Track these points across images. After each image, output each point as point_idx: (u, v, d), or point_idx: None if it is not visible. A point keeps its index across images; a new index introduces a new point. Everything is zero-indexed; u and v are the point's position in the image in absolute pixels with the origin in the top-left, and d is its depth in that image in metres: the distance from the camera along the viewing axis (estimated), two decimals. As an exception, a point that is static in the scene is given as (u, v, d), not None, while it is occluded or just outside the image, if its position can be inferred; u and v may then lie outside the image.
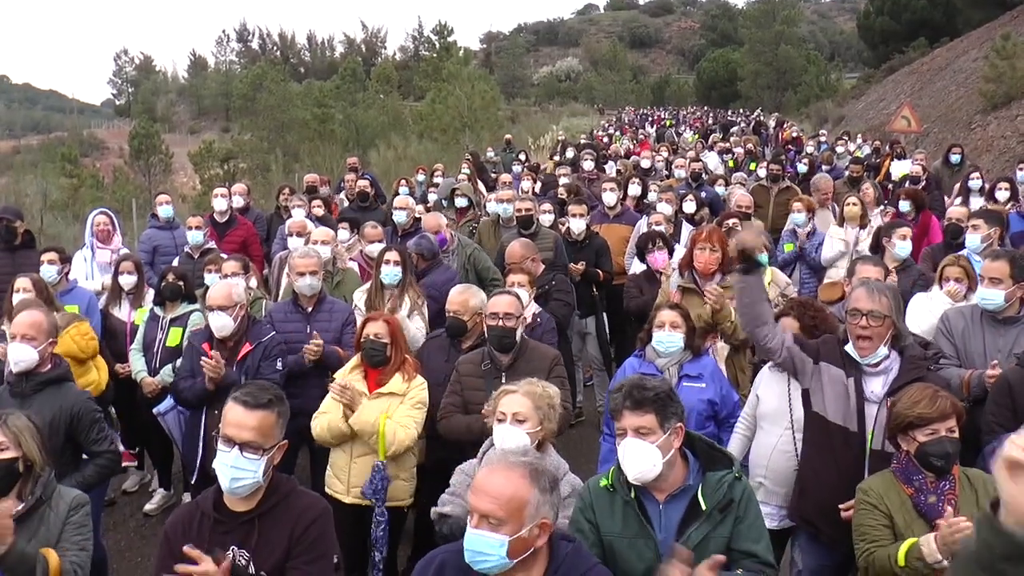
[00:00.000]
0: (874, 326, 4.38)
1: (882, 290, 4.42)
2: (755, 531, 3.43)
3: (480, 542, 2.88)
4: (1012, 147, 23.70)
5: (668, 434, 3.40)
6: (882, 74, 51.19)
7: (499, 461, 2.99)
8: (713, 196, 12.48)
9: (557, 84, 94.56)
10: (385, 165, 29.71)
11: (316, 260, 6.79)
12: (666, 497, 3.46)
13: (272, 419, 3.47)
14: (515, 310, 5.46)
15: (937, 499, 3.78)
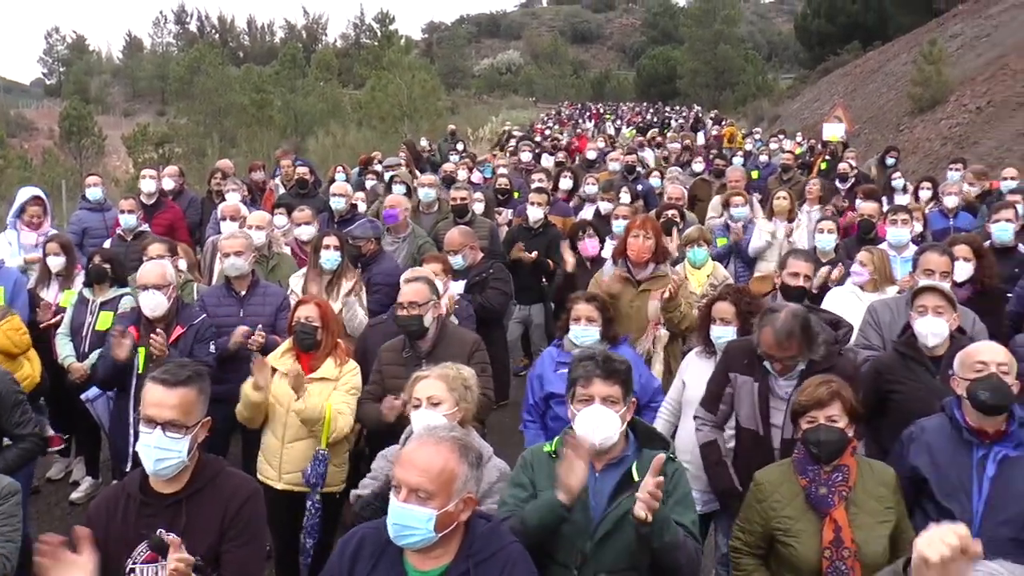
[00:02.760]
0: (789, 365, 4.59)
1: (790, 332, 4.49)
2: (683, 506, 3.55)
3: (408, 516, 2.87)
4: (936, 149, 24.35)
5: (626, 407, 3.58)
6: (817, 75, 52.17)
7: (428, 435, 2.99)
8: (648, 189, 12.66)
9: (498, 76, 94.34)
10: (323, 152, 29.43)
11: (243, 241, 6.73)
12: (603, 466, 3.58)
13: (193, 396, 3.40)
14: (420, 298, 5.48)
15: (828, 491, 3.84)
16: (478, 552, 2.99)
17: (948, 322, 4.96)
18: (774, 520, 3.92)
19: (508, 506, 3.60)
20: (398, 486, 2.90)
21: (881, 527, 3.74)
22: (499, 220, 10.33)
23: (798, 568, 3.84)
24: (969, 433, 4.12)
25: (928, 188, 11.46)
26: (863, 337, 5.81)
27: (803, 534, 3.83)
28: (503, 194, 11.53)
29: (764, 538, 3.98)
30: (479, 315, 7.15)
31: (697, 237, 7.61)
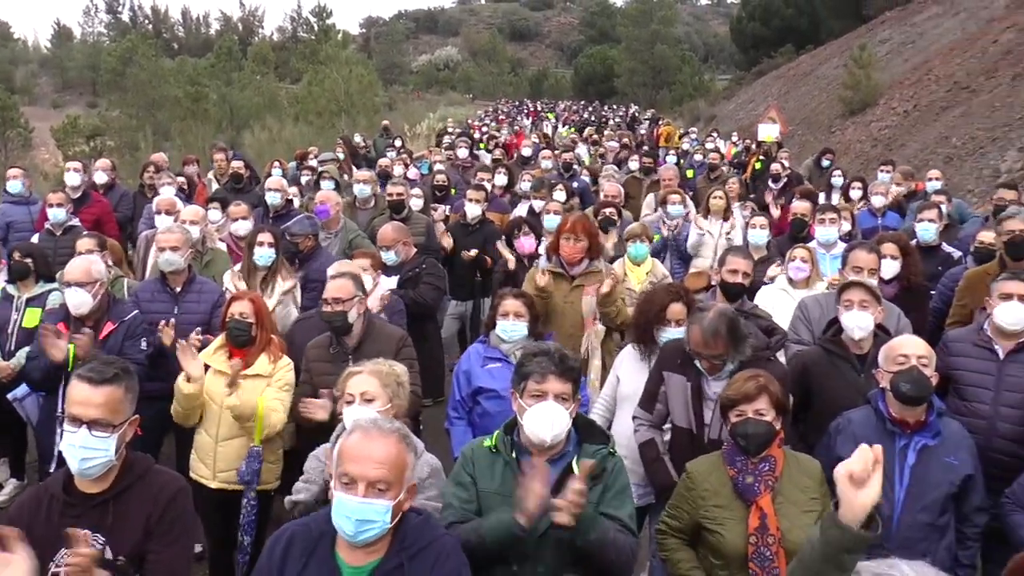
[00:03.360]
0: (717, 364, 4.66)
1: (716, 331, 4.56)
2: (620, 500, 3.59)
3: (369, 510, 2.85)
4: (867, 151, 24.91)
5: (575, 404, 3.61)
6: (752, 77, 53.01)
7: (371, 428, 2.97)
8: (584, 187, 12.75)
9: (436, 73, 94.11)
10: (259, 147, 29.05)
11: (180, 236, 6.59)
12: (544, 462, 3.57)
13: (120, 394, 3.32)
14: (344, 294, 5.46)
15: (755, 480, 3.93)
16: (411, 545, 2.99)
17: (873, 316, 5.10)
18: (702, 509, 4.00)
19: (454, 508, 3.60)
20: (353, 482, 2.86)
21: (806, 516, 3.83)
22: (435, 216, 10.32)
23: (725, 555, 3.93)
24: (892, 424, 4.30)
25: (859, 188, 11.75)
26: (793, 331, 5.96)
27: (730, 522, 3.92)
28: (440, 190, 11.52)
29: (691, 526, 4.06)
30: (411, 311, 7.13)
31: (639, 233, 7.68)
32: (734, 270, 5.89)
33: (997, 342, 5.19)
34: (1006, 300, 5.13)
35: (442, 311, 9.26)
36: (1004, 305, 5.13)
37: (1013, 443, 5.01)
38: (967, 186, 16.99)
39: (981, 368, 5.16)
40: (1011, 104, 20.17)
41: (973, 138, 19.86)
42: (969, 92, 23.67)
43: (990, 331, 5.25)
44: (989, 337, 5.23)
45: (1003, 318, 5.13)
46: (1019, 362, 5.11)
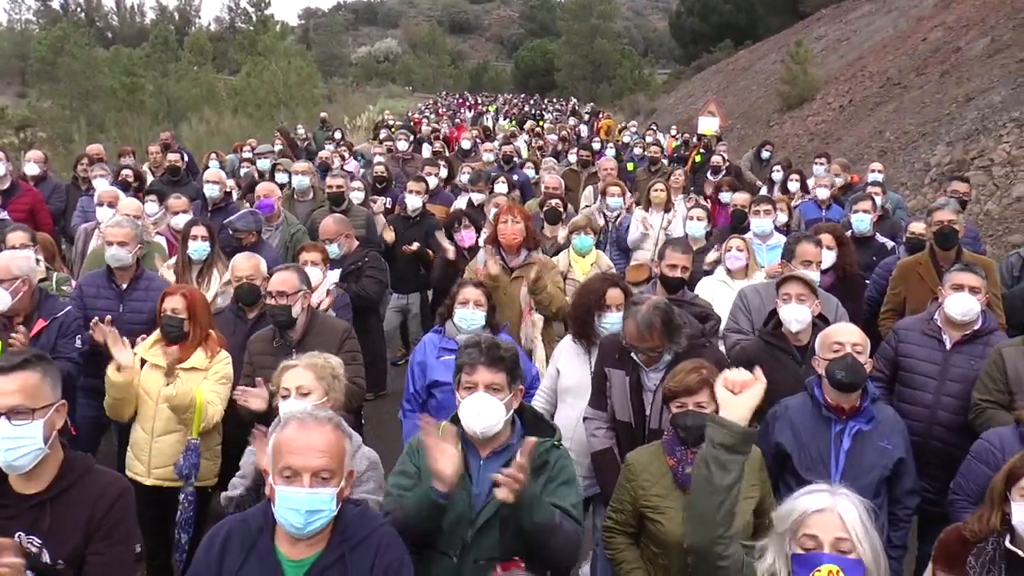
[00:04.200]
0: (653, 357, 4.69)
1: (650, 324, 4.59)
2: (565, 490, 3.58)
3: (316, 500, 2.82)
4: (804, 144, 25.33)
5: (512, 394, 3.56)
6: (691, 71, 53.60)
7: (306, 419, 2.94)
8: (524, 179, 12.78)
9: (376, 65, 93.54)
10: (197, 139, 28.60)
11: (128, 231, 6.36)
12: (488, 453, 3.58)
13: (36, 378, 3.18)
14: (288, 288, 5.42)
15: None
16: (351, 537, 2.96)
17: (810, 308, 5.18)
18: (643, 498, 4.04)
19: (392, 497, 3.58)
20: (296, 474, 2.83)
21: (744, 503, 3.87)
22: (375, 208, 10.26)
23: (665, 543, 3.97)
24: (827, 410, 4.40)
25: (796, 180, 11.93)
26: (733, 321, 6.04)
27: (670, 510, 3.96)
28: (380, 182, 11.47)
29: (635, 516, 4.10)
30: (354, 304, 7.09)
31: (584, 225, 7.70)
32: (673, 264, 5.94)
33: (945, 332, 5.32)
34: (957, 291, 5.24)
35: (384, 304, 9.22)
36: (955, 296, 5.24)
37: (951, 432, 5.14)
38: (900, 179, 17.35)
39: (928, 357, 5.28)
40: (940, 100, 20.65)
41: (905, 133, 20.30)
42: (901, 88, 24.20)
43: (940, 321, 5.36)
44: (938, 327, 5.35)
45: (953, 308, 5.24)
46: (964, 353, 5.24)
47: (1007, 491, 3.39)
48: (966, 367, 5.18)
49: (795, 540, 2.62)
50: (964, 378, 5.16)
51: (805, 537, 2.58)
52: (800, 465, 4.37)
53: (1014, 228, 13.68)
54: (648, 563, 4.10)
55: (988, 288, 6.34)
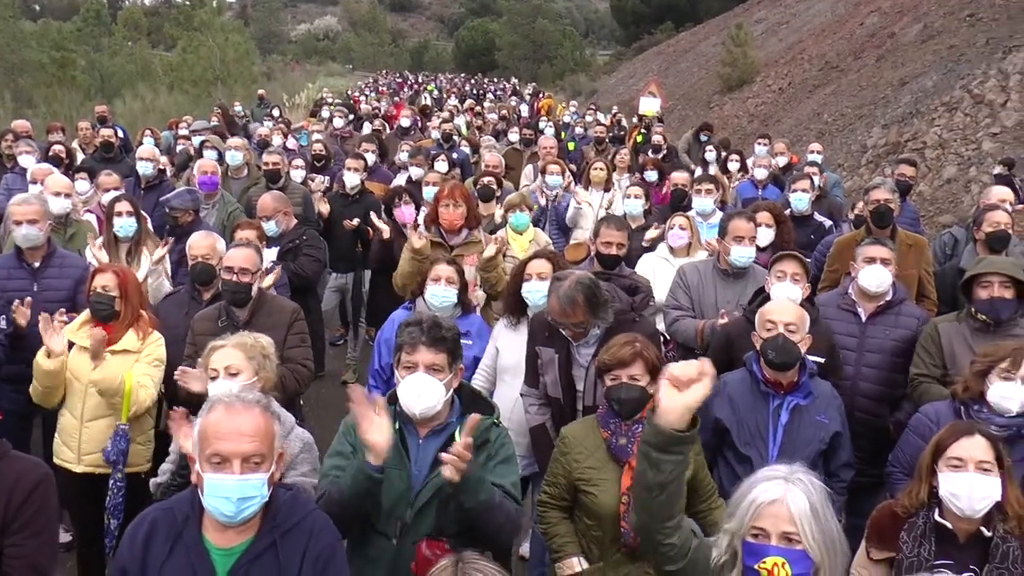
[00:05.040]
0: (578, 332, 4.67)
1: (573, 299, 4.54)
2: (504, 469, 3.55)
3: (248, 487, 2.74)
4: (744, 126, 25.62)
5: (452, 374, 3.50)
6: (632, 52, 53.78)
7: (233, 402, 2.84)
8: (464, 157, 12.73)
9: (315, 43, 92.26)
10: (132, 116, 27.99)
11: (37, 208, 6.09)
12: (427, 433, 3.53)
13: None
14: (251, 265, 5.32)
15: (627, 442, 3.99)
16: (282, 523, 2.88)
17: (802, 289, 5.23)
18: (577, 471, 4.04)
19: (329, 478, 3.51)
20: (226, 460, 2.74)
21: None
22: (313, 187, 10.12)
23: (598, 515, 3.99)
24: (766, 385, 4.43)
25: (736, 160, 12.03)
26: (672, 298, 6.06)
27: (604, 482, 3.96)
28: (319, 160, 11.31)
29: (569, 489, 4.09)
30: (292, 283, 6.97)
31: (519, 202, 7.68)
32: (607, 242, 5.93)
33: (860, 304, 5.45)
34: (869, 264, 5.38)
35: (322, 284, 9.10)
36: (867, 268, 5.37)
37: (873, 402, 5.31)
38: (837, 160, 17.63)
39: (845, 330, 5.39)
40: (875, 84, 21.00)
41: (843, 115, 20.62)
42: (839, 72, 24.58)
43: (854, 294, 5.49)
44: (853, 300, 5.48)
45: (866, 281, 5.37)
46: (879, 324, 5.39)
47: (934, 464, 3.46)
48: (882, 337, 5.34)
49: (747, 530, 2.60)
50: (881, 348, 5.33)
51: (755, 528, 2.57)
52: (739, 440, 4.41)
53: (945, 209, 13.98)
54: (581, 536, 4.11)
55: (922, 265, 6.51)
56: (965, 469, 3.36)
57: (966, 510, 3.35)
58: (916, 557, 3.40)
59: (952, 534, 3.42)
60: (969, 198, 13.37)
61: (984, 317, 4.96)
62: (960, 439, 3.43)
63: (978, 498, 3.33)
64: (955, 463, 3.38)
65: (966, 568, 3.34)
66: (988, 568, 3.32)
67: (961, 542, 3.41)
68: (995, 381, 4.16)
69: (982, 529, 3.39)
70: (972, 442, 3.41)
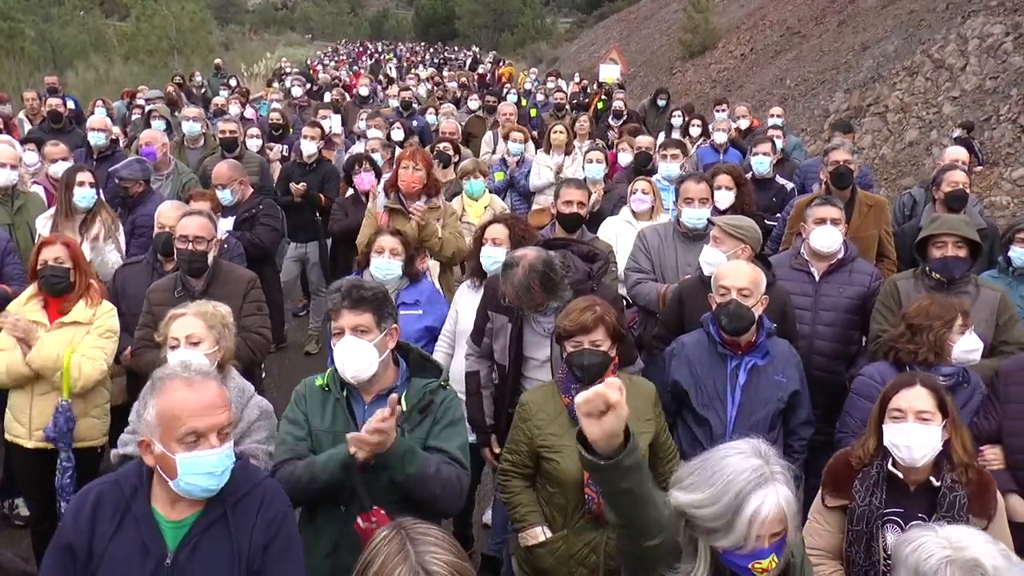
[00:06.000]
0: (536, 311, 4.60)
1: (528, 285, 4.42)
2: (450, 432, 3.51)
3: (226, 459, 2.72)
4: (706, 91, 25.59)
5: (384, 334, 3.45)
6: (594, 20, 53.54)
7: (192, 377, 2.77)
8: (424, 125, 12.62)
9: (273, 12, 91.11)
10: (85, 88, 27.44)
11: None
12: (372, 398, 3.49)
13: None
14: (206, 233, 5.24)
15: None
16: (232, 493, 2.82)
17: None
18: (539, 438, 3.99)
19: (287, 444, 3.49)
20: (202, 436, 2.68)
21: (640, 438, 3.85)
22: (272, 156, 9.97)
23: (561, 481, 3.94)
24: (723, 346, 4.40)
25: (698, 126, 12.01)
26: (634, 261, 6.02)
27: (566, 449, 3.90)
28: (277, 129, 11.16)
29: (530, 456, 4.05)
30: (249, 253, 6.87)
31: (473, 169, 7.63)
32: (568, 200, 5.89)
33: (813, 264, 5.49)
34: (820, 224, 5.41)
35: (281, 254, 8.99)
36: (819, 229, 5.41)
37: (830, 359, 5.36)
38: (800, 125, 17.69)
39: (799, 290, 5.42)
40: (837, 49, 21.06)
41: (805, 80, 20.67)
42: (800, 37, 24.61)
43: (806, 254, 5.53)
44: (805, 260, 5.52)
45: (818, 242, 5.41)
46: (832, 282, 5.44)
47: (881, 416, 3.54)
48: (836, 295, 5.41)
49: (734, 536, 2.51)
50: (835, 306, 5.40)
51: (754, 538, 2.49)
52: (697, 402, 4.38)
53: (906, 171, 14.08)
54: (544, 504, 4.06)
55: (882, 225, 6.54)
56: (905, 420, 3.45)
57: (907, 460, 3.43)
58: (868, 505, 3.49)
59: (903, 483, 3.50)
60: (930, 161, 13.46)
61: (938, 275, 5.01)
62: (901, 390, 3.52)
63: (917, 447, 3.41)
64: (896, 414, 3.48)
65: (915, 516, 3.41)
66: (936, 516, 3.38)
67: (911, 491, 3.50)
68: (956, 339, 4.24)
69: (931, 479, 3.47)
70: (912, 392, 3.49)
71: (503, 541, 5.16)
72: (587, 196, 6.04)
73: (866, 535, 3.48)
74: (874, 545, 3.45)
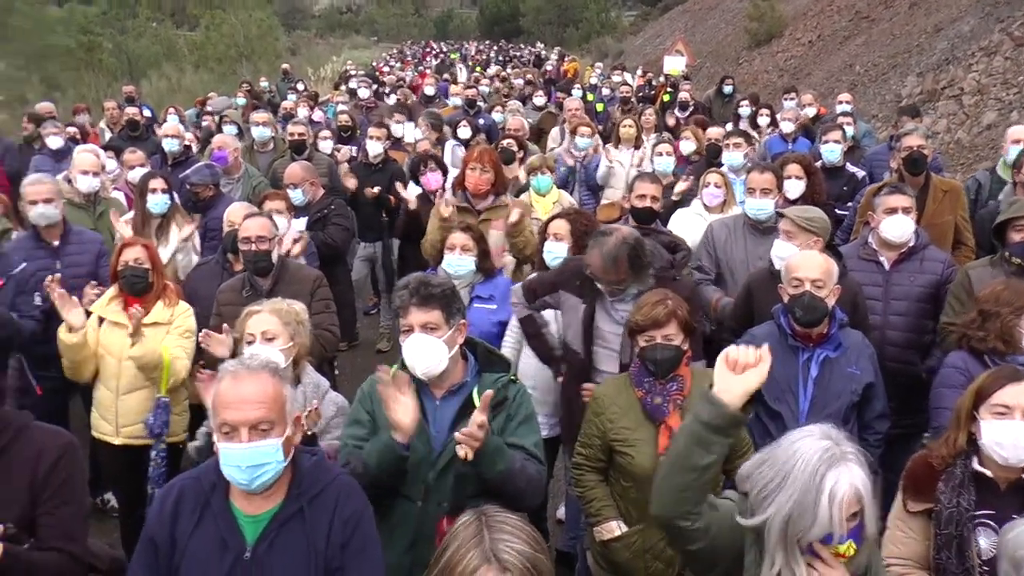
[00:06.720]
0: (616, 289, 4.59)
1: (616, 257, 4.44)
2: (524, 428, 3.50)
3: (257, 454, 2.74)
4: (774, 80, 25.21)
5: (453, 330, 3.45)
6: (658, 12, 52.98)
7: (239, 370, 2.83)
8: (490, 123, 12.65)
9: (339, 16, 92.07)
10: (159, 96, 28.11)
11: (50, 186, 6.15)
12: (443, 394, 3.50)
13: None
14: (267, 232, 5.36)
15: (663, 400, 3.93)
16: (308, 489, 2.88)
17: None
18: (612, 431, 3.98)
19: (348, 447, 3.51)
20: (234, 429, 2.74)
21: None
22: (340, 157, 10.10)
23: (635, 476, 3.92)
24: (794, 338, 4.34)
25: (766, 115, 11.86)
26: (697, 259, 5.97)
27: (640, 443, 3.89)
28: (345, 131, 11.30)
29: (604, 450, 4.04)
30: (321, 253, 6.97)
31: (540, 165, 7.62)
32: (642, 195, 5.87)
33: (882, 254, 5.36)
34: (891, 214, 5.27)
35: (352, 254, 9.10)
36: (890, 219, 5.28)
37: (903, 349, 5.24)
38: (871, 111, 17.31)
39: (869, 280, 5.29)
40: (909, 32, 20.56)
41: (875, 65, 20.23)
42: (869, 21, 24.07)
43: (875, 244, 5.40)
44: (874, 250, 5.39)
45: (889, 231, 5.28)
46: (904, 271, 5.31)
47: (974, 410, 3.30)
48: (907, 284, 5.28)
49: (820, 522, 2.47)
50: (907, 295, 5.27)
51: (837, 521, 2.46)
52: (768, 395, 4.29)
53: (984, 156, 13.66)
54: (619, 498, 4.06)
55: (958, 211, 6.38)
56: (1011, 417, 3.18)
57: (1012, 459, 3.17)
58: (956, 507, 3.24)
59: (993, 483, 3.24)
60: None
61: (1018, 260, 4.83)
62: (1006, 385, 3.24)
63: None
64: (1000, 410, 3.20)
65: (1008, 517, 3.13)
66: None
67: (1002, 490, 3.25)
68: None
69: (1023, 476, 3.23)
70: (1019, 388, 3.22)
71: (577, 536, 5.17)
72: (660, 190, 6.02)
73: (956, 539, 3.23)
74: (967, 550, 3.19)
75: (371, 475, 3.28)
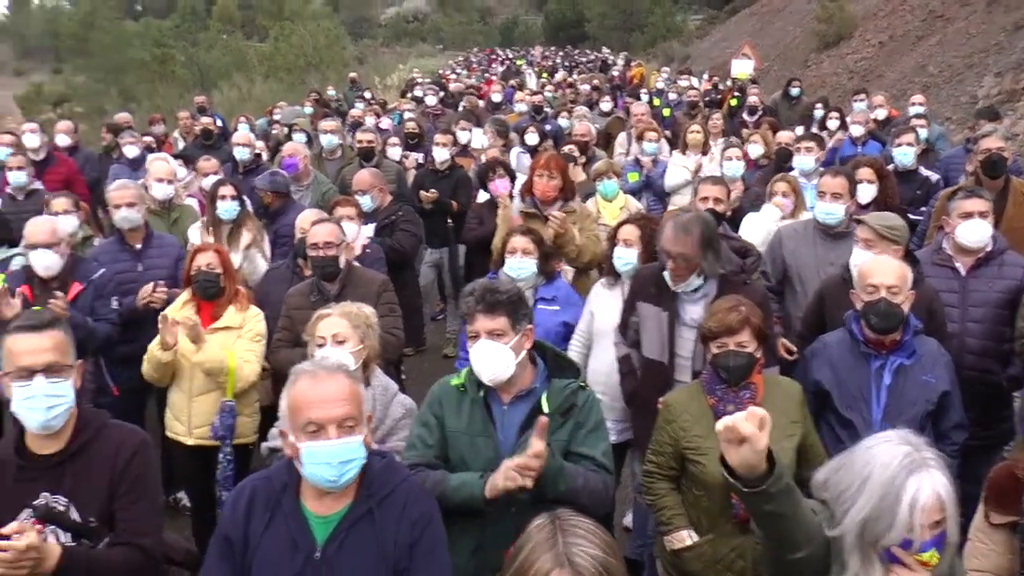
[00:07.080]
0: (682, 265, 4.49)
1: (688, 228, 4.41)
2: (594, 437, 3.48)
3: (346, 450, 2.77)
4: (843, 83, 24.77)
5: (520, 336, 3.45)
6: (725, 15, 52.51)
7: (317, 371, 2.87)
8: (557, 129, 12.65)
9: (405, 25, 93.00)
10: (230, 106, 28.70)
11: (134, 192, 6.41)
12: (511, 399, 3.50)
13: (63, 337, 3.19)
14: (335, 238, 5.43)
15: (735, 408, 3.79)
16: (378, 491, 2.91)
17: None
18: (684, 439, 3.94)
19: (417, 450, 3.53)
20: (321, 428, 2.77)
21: (787, 440, 3.78)
22: (407, 164, 10.19)
23: (707, 485, 3.87)
24: (866, 346, 4.24)
25: (836, 118, 11.69)
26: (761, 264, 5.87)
27: (712, 451, 3.80)
28: (412, 138, 11.40)
29: (675, 458, 4.00)
30: (389, 258, 7.04)
31: (606, 170, 7.60)
32: (705, 197, 5.83)
33: (957, 259, 5.22)
34: (967, 219, 5.14)
35: (419, 260, 9.16)
36: (965, 224, 5.14)
37: (981, 357, 5.09)
38: (944, 113, 16.92)
39: (944, 287, 5.14)
40: (986, 31, 20.05)
41: (950, 66, 19.76)
42: (944, 20, 23.52)
43: (950, 249, 5.26)
44: (949, 255, 5.25)
45: (966, 236, 5.14)
46: (982, 277, 5.16)
47: None
48: (985, 290, 5.12)
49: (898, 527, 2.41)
50: (985, 302, 5.11)
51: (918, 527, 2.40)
52: (840, 403, 4.23)
53: (1066, 158, 13.28)
54: (690, 507, 4.00)
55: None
56: None
57: None
58: None
59: None
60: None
61: None
62: None
63: None
64: None
65: None
66: None
67: None
68: None
69: None
70: None
71: (644, 544, 5.13)
72: (726, 193, 5.95)
73: None
74: None
75: (446, 504, 3.27)
